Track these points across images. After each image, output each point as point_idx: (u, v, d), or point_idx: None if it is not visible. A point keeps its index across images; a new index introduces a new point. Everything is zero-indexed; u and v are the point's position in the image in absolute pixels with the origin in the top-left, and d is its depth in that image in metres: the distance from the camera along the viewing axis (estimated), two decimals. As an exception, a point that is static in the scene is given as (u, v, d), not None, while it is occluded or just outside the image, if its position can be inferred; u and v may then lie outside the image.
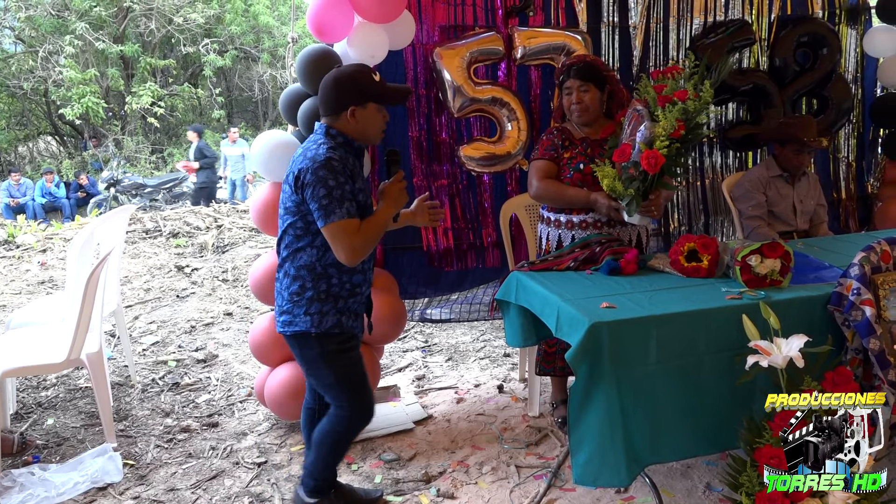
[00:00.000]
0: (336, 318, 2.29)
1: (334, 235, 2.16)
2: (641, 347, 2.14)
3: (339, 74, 2.27)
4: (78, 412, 3.54)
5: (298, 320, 2.28)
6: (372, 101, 2.25)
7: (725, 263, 2.52)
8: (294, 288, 2.28)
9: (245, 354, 4.25)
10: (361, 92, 2.24)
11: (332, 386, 2.38)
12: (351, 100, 2.23)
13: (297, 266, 2.27)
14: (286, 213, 2.27)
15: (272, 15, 16.02)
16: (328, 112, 2.27)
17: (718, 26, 4.01)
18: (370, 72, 2.29)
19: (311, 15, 2.95)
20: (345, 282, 2.30)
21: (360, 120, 2.25)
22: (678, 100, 2.59)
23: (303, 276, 2.27)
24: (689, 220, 4.23)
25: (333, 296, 2.28)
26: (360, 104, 2.24)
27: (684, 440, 2.24)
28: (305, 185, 2.16)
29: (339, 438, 2.46)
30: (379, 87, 2.27)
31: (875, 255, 2.31)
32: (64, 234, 7.22)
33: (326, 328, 2.28)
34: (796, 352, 1.98)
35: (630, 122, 2.72)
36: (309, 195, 2.16)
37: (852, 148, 4.51)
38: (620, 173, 2.69)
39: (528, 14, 3.64)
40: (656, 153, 2.56)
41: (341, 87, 2.24)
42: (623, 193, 2.69)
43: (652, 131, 2.58)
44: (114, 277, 3.68)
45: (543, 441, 3.12)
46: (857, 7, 4.34)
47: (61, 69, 14.21)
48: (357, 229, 2.18)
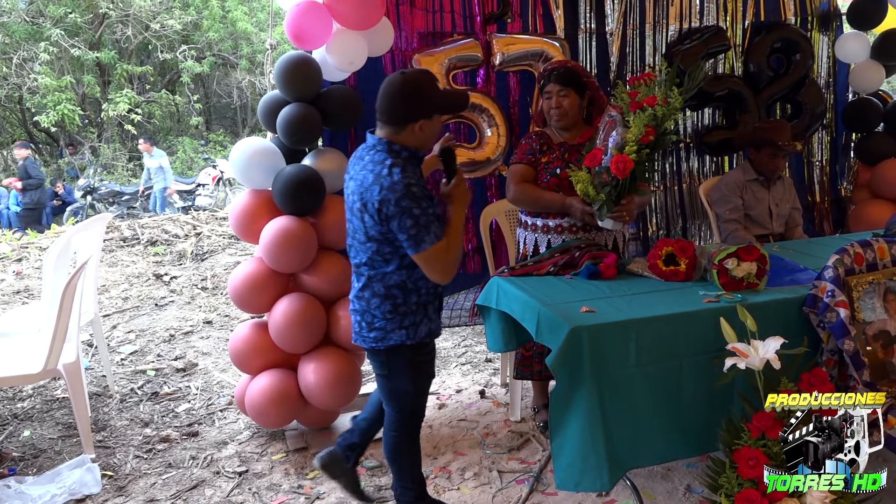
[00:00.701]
0: (427, 326, 2.35)
1: (427, 261, 2.18)
2: (621, 351, 2.16)
3: (407, 82, 2.17)
4: (55, 423, 3.49)
5: (393, 335, 2.30)
6: (437, 112, 2.22)
7: (703, 267, 2.55)
8: (387, 307, 2.28)
9: (225, 363, 4.22)
10: (431, 104, 2.18)
11: (407, 394, 2.42)
12: (421, 112, 2.17)
13: (388, 286, 2.26)
14: (369, 241, 2.22)
15: (250, 21, 15.93)
16: (394, 123, 2.19)
17: (694, 32, 4.06)
18: (435, 80, 2.25)
19: (289, 22, 2.94)
20: (430, 288, 2.33)
21: (427, 132, 2.21)
22: (648, 106, 2.62)
23: (394, 295, 2.27)
24: (666, 224, 4.27)
25: (423, 305, 2.32)
26: (428, 117, 2.18)
27: (665, 443, 2.26)
28: (391, 218, 2.12)
29: (409, 441, 2.49)
30: (446, 97, 2.29)
31: (848, 257, 2.35)
32: (39, 242, 7.12)
33: (420, 338, 2.33)
34: (773, 354, 2.00)
35: (604, 128, 2.75)
36: (396, 227, 2.13)
37: (826, 152, 4.58)
38: (594, 178, 2.71)
39: (506, 21, 3.67)
40: (625, 158, 2.59)
41: (411, 99, 2.16)
42: (595, 198, 2.71)
43: (624, 137, 2.61)
44: (91, 286, 3.64)
45: (525, 446, 3.12)
46: (829, 13, 4.42)
47: (36, 76, 14.03)
48: (447, 249, 2.19)
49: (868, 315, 2.35)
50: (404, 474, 2.52)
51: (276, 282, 3.07)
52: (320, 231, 3.06)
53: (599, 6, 3.92)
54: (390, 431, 2.48)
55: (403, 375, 2.38)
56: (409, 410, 2.45)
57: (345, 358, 3.08)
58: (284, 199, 2.97)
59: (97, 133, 15.97)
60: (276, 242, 2.94)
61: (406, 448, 2.49)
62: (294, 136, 3.00)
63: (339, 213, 3.09)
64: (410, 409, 2.45)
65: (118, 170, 15.04)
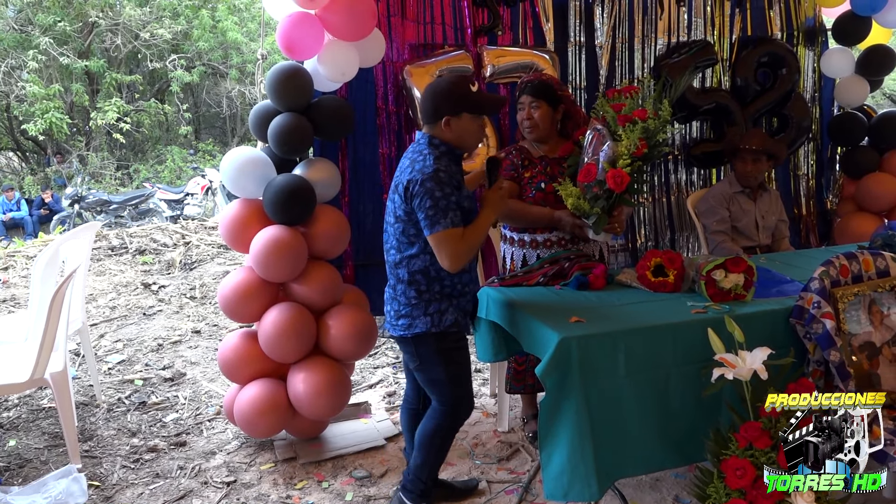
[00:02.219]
0: (454, 315, 2.42)
1: (438, 243, 2.27)
2: (610, 361, 2.17)
3: (437, 85, 2.41)
4: (41, 433, 3.47)
5: (419, 322, 2.39)
6: (466, 111, 2.35)
7: (691, 278, 2.57)
8: (412, 293, 2.40)
9: (213, 372, 4.20)
10: (456, 102, 2.34)
11: (443, 383, 2.47)
12: (446, 109, 2.34)
13: (412, 271, 2.38)
14: (397, 222, 2.38)
15: (240, 31, 15.94)
16: (427, 121, 2.40)
17: (682, 46, 4.11)
18: (467, 82, 2.40)
19: (281, 32, 2.96)
20: (456, 283, 2.42)
21: (455, 129, 2.35)
22: (638, 119, 2.65)
23: (418, 281, 2.38)
24: (655, 235, 4.30)
25: (447, 295, 2.41)
26: (454, 114, 2.34)
27: (653, 453, 2.27)
28: (414, 196, 2.27)
29: (445, 435, 2.53)
30: (473, 97, 2.37)
31: (834, 269, 2.38)
32: (26, 251, 7.08)
33: (446, 326, 2.40)
34: (760, 364, 2.03)
35: (591, 142, 2.77)
36: (417, 205, 2.27)
37: (811, 165, 4.63)
38: (584, 192, 2.73)
39: (497, 33, 3.70)
40: (621, 172, 2.61)
41: (437, 97, 2.36)
42: (590, 212, 2.73)
43: (615, 150, 2.64)
44: (79, 295, 3.62)
45: (514, 456, 3.13)
46: (814, 29, 4.48)
47: (24, 84, 13.97)
48: (461, 237, 2.29)
49: (853, 326, 2.38)
50: (424, 467, 2.56)
51: (266, 291, 3.07)
52: (311, 241, 3.06)
53: (589, 20, 3.97)
54: (430, 419, 2.53)
55: (433, 364, 2.45)
56: (450, 401, 2.49)
57: (334, 368, 3.08)
58: (275, 209, 2.97)
59: (85, 142, 15.89)
60: (266, 252, 2.94)
61: (439, 441, 2.54)
62: (285, 145, 3.00)
63: (329, 223, 3.10)
64: (450, 400, 2.49)
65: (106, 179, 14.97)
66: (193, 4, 15.64)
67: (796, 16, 4.41)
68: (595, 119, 2.83)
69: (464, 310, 2.49)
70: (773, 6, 4.35)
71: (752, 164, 3.59)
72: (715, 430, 2.16)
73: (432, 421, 2.52)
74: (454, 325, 2.42)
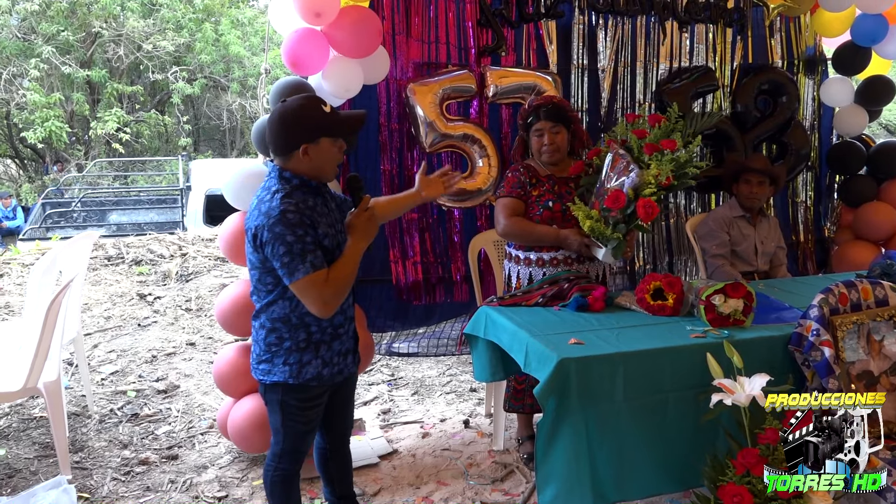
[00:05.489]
0: (317, 369, 2.21)
1: (302, 292, 2.07)
2: (609, 384, 2.17)
3: (284, 111, 2.11)
4: (31, 442, 3.43)
5: (277, 370, 2.20)
6: (324, 135, 2.11)
7: (690, 302, 2.57)
8: (271, 339, 2.20)
9: (207, 385, 4.17)
10: (311, 128, 2.10)
11: (277, 431, 2.32)
12: (302, 138, 2.09)
13: (272, 318, 2.18)
14: (252, 269, 2.17)
15: (243, 45, 16.04)
16: (278, 153, 2.14)
17: (683, 72, 4.14)
18: (319, 103, 2.14)
19: (286, 48, 2.97)
20: (325, 327, 2.21)
21: (314, 157, 2.11)
22: (667, 150, 2.69)
23: (279, 328, 2.18)
24: (653, 259, 4.31)
25: (315, 343, 2.20)
26: (311, 141, 2.10)
27: (649, 477, 2.26)
28: (265, 244, 2.05)
29: (277, 478, 2.35)
30: (330, 119, 2.12)
31: (833, 297, 2.38)
32: (22, 259, 7.05)
33: (305, 380, 2.20)
34: (758, 390, 2.02)
35: (614, 165, 2.78)
36: (270, 253, 2.05)
37: (810, 193, 4.65)
38: (603, 216, 2.75)
39: (501, 54, 3.72)
40: (651, 203, 2.64)
41: (289, 124, 2.10)
42: (610, 237, 2.74)
43: (642, 178, 2.66)
44: (75, 305, 3.61)
45: (509, 477, 3.11)
46: (815, 58, 4.52)
47: (25, 92, 14.01)
48: (325, 280, 2.07)
49: (851, 355, 2.38)
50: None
51: (263, 305, 3.06)
52: (310, 255, 3.05)
53: (592, 43, 3.99)
54: (268, 462, 2.37)
55: (274, 412, 2.28)
56: (277, 449, 2.33)
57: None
58: (275, 223, 2.96)
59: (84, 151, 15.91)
60: (265, 265, 2.93)
61: (279, 489, 2.36)
62: (287, 160, 3.00)
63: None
64: (278, 448, 2.33)
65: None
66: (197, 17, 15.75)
67: (797, 45, 4.45)
68: (612, 141, 2.85)
69: (339, 353, 2.27)
70: (774, 35, 4.39)
71: (756, 185, 3.61)
72: (712, 455, 2.15)
73: (266, 464, 2.38)
74: (315, 379, 2.21)
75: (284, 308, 2.16)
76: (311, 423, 2.33)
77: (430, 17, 3.59)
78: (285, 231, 2.02)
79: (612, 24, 3.99)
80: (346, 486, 2.62)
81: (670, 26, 4.10)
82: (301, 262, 2.03)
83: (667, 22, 4.08)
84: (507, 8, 3.71)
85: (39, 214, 10.14)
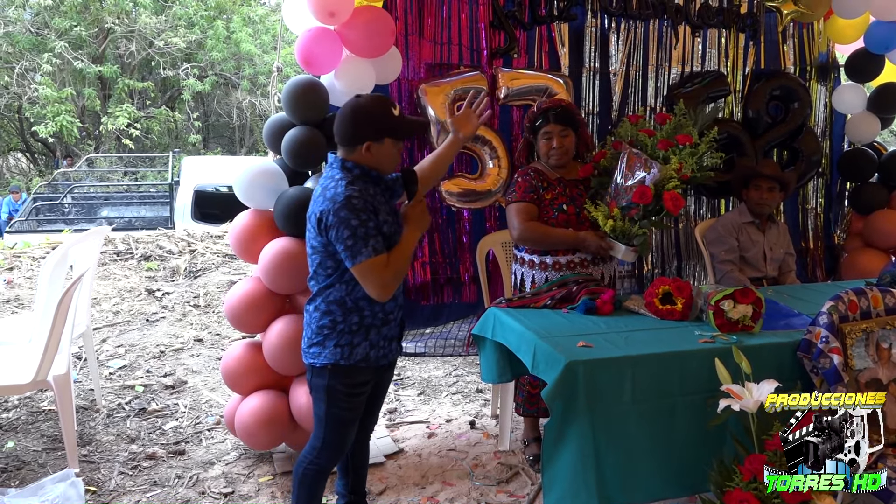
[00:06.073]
0: (365, 351, 2.28)
1: (364, 275, 2.15)
2: (616, 387, 2.17)
3: (356, 107, 2.24)
4: (40, 435, 3.46)
5: (327, 352, 2.26)
6: (389, 136, 2.23)
7: (699, 307, 2.57)
8: (325, 321, 2.26)
9: (215, 381, 4.19)
10: (379, 127, 2.21)
11: (320, 420, 2.35)
12: (367, 135, 2.20)
13: (328, 301, 2.25)
14: (314, 253, 2.25)
15: (254, 43, 16.09)
16: (344, 144, 2.25)
17: (695, 76, 4.14)
18: (389, 105, 2.25)
19: (299, 46, 2.98)
20: (377, 312, 2.28)
21: (376, 154, 2.22)
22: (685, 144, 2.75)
23: (333, 311, 2.25)
24: (662, 263, 4.30)
25: (366, 327, 2.27)
26: (376, 139, 2.21)
27: (655, 481, 2.26)
28: (329, 228, 2.14)
29: (310, 474, 2.38)
30: (396, 121, 2.24)
31: (843, 304, 2.38)
32: (32, 252, 7.09)
33: (355, 361, 2.27)
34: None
35: (630, 164, 2.80)
36: (334, 237, 2.14)
37: (820, 200, 4.64)
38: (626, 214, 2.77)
39: (513, 56, 3.73)
40: (677, 195, 2.71)
41: (359, 121, 2.21)
42: (636, 233, 2.78)
43: (663, 172, 2.70)
44: (85, 299, 3.63)
45: (514, 479, 3.11)
46: (827, 65, 4.51)
47: (37, 87, 14.09)
48: (385, 264, 2.16)
49: (860, 363, 2.37)
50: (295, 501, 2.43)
51: (272, 302, 3.07)
52: (319, 254, 3.07)
53: (604, 46, 3.99)
54: (302, 453, 2.41)
55: (318, 400, 2.33)
56: (318, 441, 2.36)
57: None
58: (286, 221, 2.98)
59: (94, 146, 15.99)
60: (275, 263, 2.95)
61: (310, 481, 2.38)
62: (299, 158, 3.02)
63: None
64: (319, 440, 2.35)
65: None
66: (209, 15, 15.81)
67: (810, 51, 4.44)
68: (618, 142, 2.86)
69: (386, 339, 2.34)
70: (786, 40, 4.38)
71: (767, 191, 3.60)
72: (719, 461, 2.14)
73: (301, 456, 2.41)
74: (364, 361, 2.28)
75: (341, 291, 2.24)
76: (354, 412, 2.36)
77: (443, 18, 3.60)
78: (350, 215, 2.11)
79: (624, 27, 3.99)
80: (361, 481, 2.66)
81: (683, 31, 4.10)
82: (364, 245, 2.12)
83: (679, 26, 4.08)
84: (519, 10, 3.72)
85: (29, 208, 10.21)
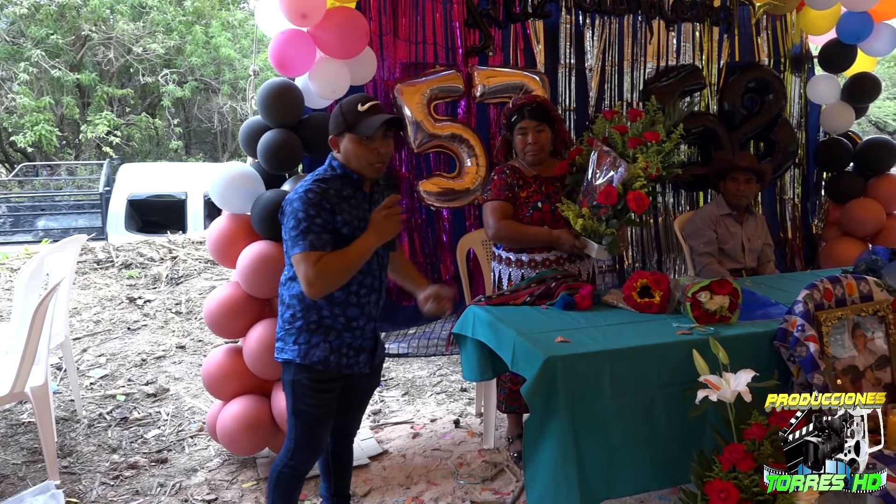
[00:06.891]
0: (324, 353, 2.23)
1: (295, 266, 2.14)
2: (595, 382, 2.17)
3: (337, 104, 2.27)
4: (19, 448, 3.42)
5: (288, 348, 2.25)
6: (348, 132, 2.20)
7: (676, 300, 2.58)
8: (286, 316, 2.27)
9: (197, 388, 4.16)
10: (339, 123, 2.22)
11: (289, 417, 2.34)
12: (333, 129, 2.24)
13: (291, 295, 2.25)
14: (284, 244, 2.23)
15: (233, 47, 15.99)
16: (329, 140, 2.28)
17: (670, 71, 4.15)
18: (357, 101, 2.21)
19: (273, 49, 2.97)
20: (337, 315, 2.24)
21: (343, 150, 2.22)
22: (651, 142, 2.72)
23: (294, 305, 2.24)
24: (642, 257, 4.32)
25: (325, 328, 2.23)
26: (337, 134, 2.22)
27: (637, 474, 2.26)
28: (283, 216, 2.18)
29: (285, 478, 2.35)
30: (355, 117, 2.17)
31: (818, 292, 2.39)
32: (10, 263, 7.01)
33: (311, 361, 2.22)
34: (744, 386, 2.02)
35: (600, 163, 2.79)
36: (283, 226, 2.18)
37: (797, 190, 4.67)
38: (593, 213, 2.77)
39: (488, 54, 3.73)
40: (641, 195, 2.68)
41: (332, 117, 2.25)
42: (605, 232, 2.77)
43: (630, 172, 2.68)
44: (62, 308, 3.59)
45: (499, 476, 3.11)
46: (801, 56, 4.54)
47: (14, 96, 13.94)
48: (316, 261, 2.09)
49: (837, 350, 2.39)
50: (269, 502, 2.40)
51: (252, 307, 3.06)
52: (298, 257, 3.05)
53: (579, 42, 4.00)
54: (278, 458, 2.38)
55: (287, 395, 2.31)
56: (290, 441, 2.33)
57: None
58: (263, 224, 2.97)
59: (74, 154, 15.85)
60: (253, 267, 2.93)
61: (284, 485, 2.35)
62: (274, 161, 3.01)
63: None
64: (292, 440, 2.32)
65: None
66: (187, 20, 15.68)
67: (783, 43, 4.47)
68: (593, 139, 2.86)
69: (350, 347, 2.27)
70: (760, 33, 4.41)
71: (744, 183, 3.62)
72: (699, 451, 2.15)
73: (277, 459, 2.38)
74: (321, 363, 2.22)
75: (300, 286, 2.20)
76: (322, 409, 2.30)
77: (418, 18, 3.60)
78: (300, 207, 2.12)
79: (599, 23, 4.00)
80: (345, 484, 2.64)
81: (657, 25, 4.12)
82: (303, 238, 2.11)
83: (654, 21, 4.10)
84: (494, 8, 3.72)
85: None
